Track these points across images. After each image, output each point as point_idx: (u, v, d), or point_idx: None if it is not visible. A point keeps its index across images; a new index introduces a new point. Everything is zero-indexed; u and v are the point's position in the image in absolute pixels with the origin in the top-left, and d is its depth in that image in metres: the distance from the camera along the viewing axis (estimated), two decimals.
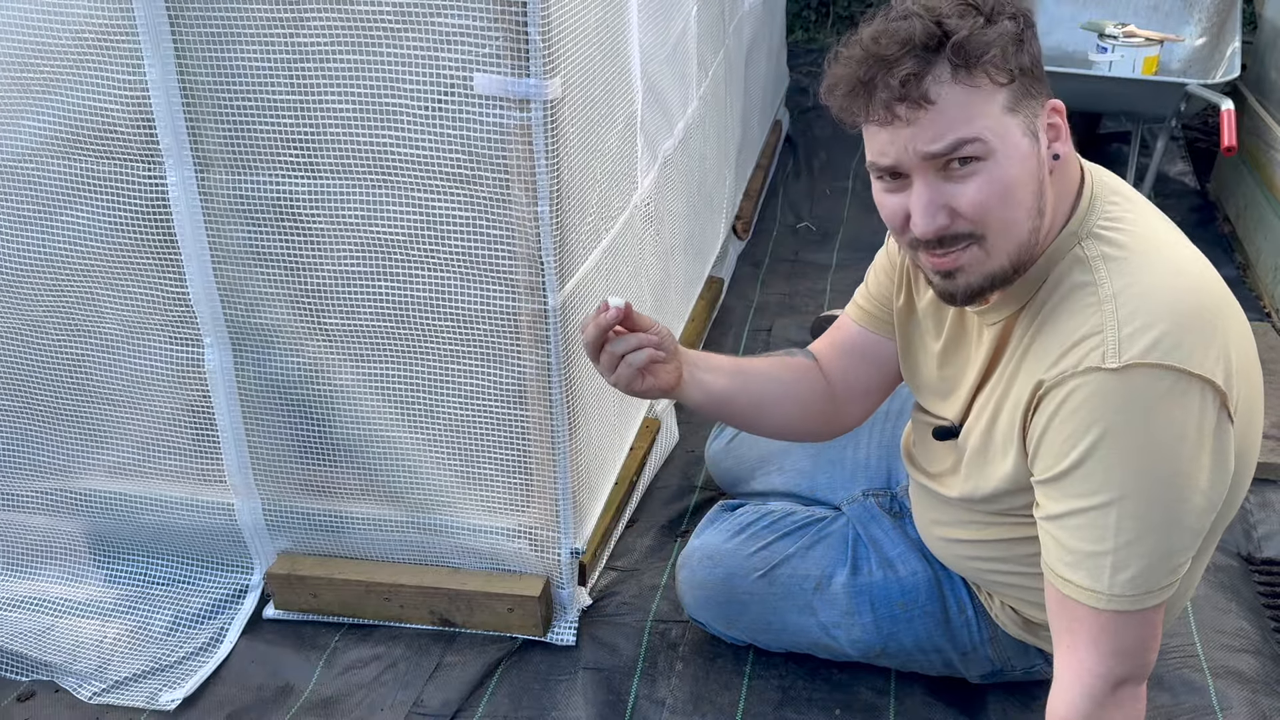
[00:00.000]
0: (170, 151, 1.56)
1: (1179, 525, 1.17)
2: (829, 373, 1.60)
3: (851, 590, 1.61)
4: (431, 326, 1.63)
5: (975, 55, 1.11)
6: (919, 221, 1.17)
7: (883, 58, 1.12)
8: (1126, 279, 1.17)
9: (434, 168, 1.50)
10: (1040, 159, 1.18)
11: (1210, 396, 1.13)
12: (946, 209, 1.16)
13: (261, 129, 1.53)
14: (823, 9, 5.27)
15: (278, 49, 1.47)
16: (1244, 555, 1.97)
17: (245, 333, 1.70)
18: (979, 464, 1.34)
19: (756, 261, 3.21)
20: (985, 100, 1.13)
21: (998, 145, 1.13)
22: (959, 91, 1.12)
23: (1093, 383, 1.14)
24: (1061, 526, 1.20)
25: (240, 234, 1.62)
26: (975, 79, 1.12)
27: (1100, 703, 1.20)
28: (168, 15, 1.47)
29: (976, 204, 1.15)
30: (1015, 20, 1.14)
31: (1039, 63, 1.16)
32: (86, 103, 1.55)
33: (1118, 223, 1.22)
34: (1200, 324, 1.15)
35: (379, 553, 1.86)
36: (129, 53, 1.50)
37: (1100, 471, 1.15)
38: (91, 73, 1.53)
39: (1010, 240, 1.18)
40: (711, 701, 1.69)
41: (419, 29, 1.41)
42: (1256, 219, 3.07)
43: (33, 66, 1.54)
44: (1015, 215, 1.17)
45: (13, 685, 1.80)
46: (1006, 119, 1.14)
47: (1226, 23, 3.34)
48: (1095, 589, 1.18)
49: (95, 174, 1.60)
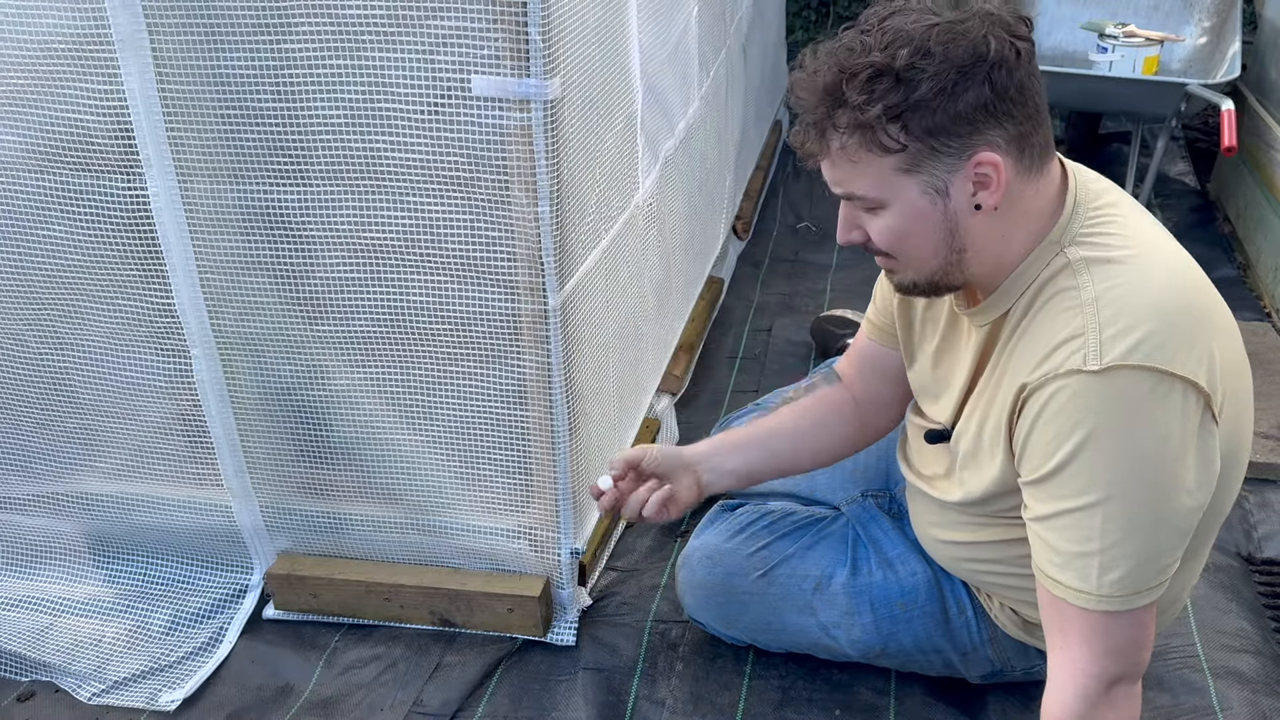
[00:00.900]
0: (151, 162, 1.54)
1: (1165, 525, 1.17)
2: (854, 391, 1.64)
3: (851, 590, 1.61)
4: (431, 328, 1.63)
5: (858, 129, 1.16)
6: (838, 233, 1.29)
7: (799, 99, 1.20)
8: (1108, 282, 1.18)
9: (432, 171, 1.50)
10: (948, 211, 1.20)
11: (1193, 398, 1.14)
12: (860, 230, 1.26)
13: (247, 137, 1.51)
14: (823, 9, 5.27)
15: (262, 56, 1.45)
16: (1244, 555, 1.97)
17: (235, 341, 1.68)
18: (972, 468, 1.35)
19: (756, 261, 3.21)
20: (875, 161, 1.18)
21: (889, 200, 1.20)
22: (852, 149, 1.18)
23: (1075, 385, 1.15)
24: (1049, 528, 1.21)
25: (227, 243, 1.60)
26: (860, 147, 1.17)
27: (1094, 703, 1.21)
28: (146, 25, 1.45)
29: (878, 238, 1.24)
30: (936, 79, 1.12)
31: (966, 116, 1.14)
32: (60, 115, 1.52)
33: (1102, 227, 1.23)
34: (1184, 325, 1.15)
35: (379, 553, 1.85)
36: (104, 63, 1.47)
37: (1085, 473, 1.16)
38: (64, 85, 1.50)
39: (921, 268, 1.26)
40: (711, 702, 1.69)
41: (414, 32, 1.40)
42: (1256, 219, 3.07)
43: (3, 79, 1.51)
44: (918, 254, 1.24)
45: (12, 685, 1.80)
46: (900, 179, 1.18)
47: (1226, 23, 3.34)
48: (1084, 589, 1.18)
49: (72, 187, 1.58)
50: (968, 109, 1.14)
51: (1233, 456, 1.25)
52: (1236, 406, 1.22)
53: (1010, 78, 1.14)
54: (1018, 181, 1.20)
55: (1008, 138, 1.17)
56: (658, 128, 2.03)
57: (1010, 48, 1.14)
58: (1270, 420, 2.25)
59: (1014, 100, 1.15)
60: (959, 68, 1.12)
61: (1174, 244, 1.26)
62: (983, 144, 1.16)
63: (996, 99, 1.14)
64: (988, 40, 1.13)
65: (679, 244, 2.35)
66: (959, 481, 1.39)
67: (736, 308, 2.93)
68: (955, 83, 1.13)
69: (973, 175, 1.17)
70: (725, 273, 3.02)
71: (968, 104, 1.13)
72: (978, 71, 1.13)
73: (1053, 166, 1.24)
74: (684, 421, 2.39)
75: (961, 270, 1.25)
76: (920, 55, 1.12)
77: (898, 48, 1.13)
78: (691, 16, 2.23)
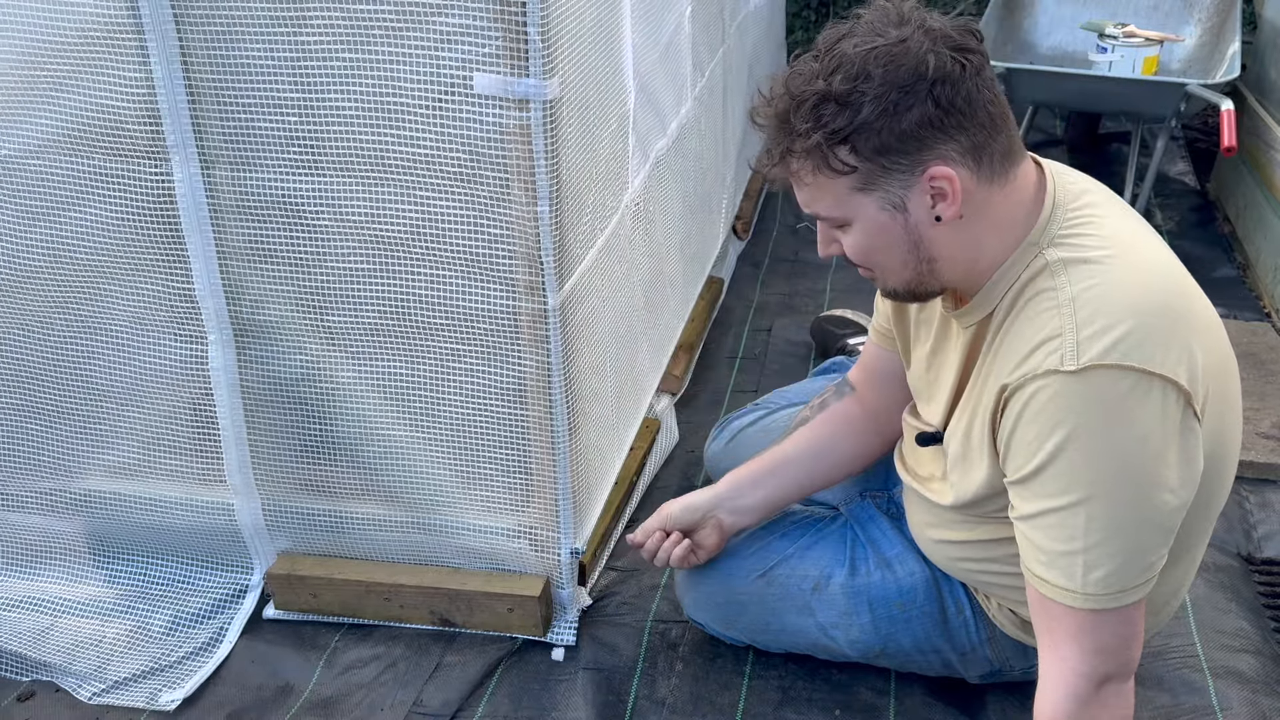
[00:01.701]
0: (176, 148, 1.56)
1: (1149, 524, 1.18)
2: (866, 399, 1.66)
3: (849, 591, 1.61)
4: (432, 325, 1.63)
5: (809, 154, 1.20)
6: (819, 248, 1.33)
7: (760, 126, 1.25)
8: (1086, 282, 1.18)
9: (435, 167, 1.51)
10: (909, 224, 1.23)
11: (1174, 396, 1.15)
12: (837, 243, 1.30)
13: (265, 126, 1.54)
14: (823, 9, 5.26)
15: (281, 46, 1.48)
16: (1244, 555, 1.97)
17: (249, 329, 1.70)
18: (961, 470, 1.36)
19: (756, 261, 3.21)
20: (831, 183, 1.21)
21: (851, 218, 1.24)
22: (808, 172, 1.22)
23: (1054, 385, 1.16)
24: (1034, 526, 1.22)
25: (245, 230, 1.63)
26: (815, 170, 1.21)
27: (1084, 701, 1.21)
28: (173, 13, 1.48)
29: (849, 252, 1.29)
30: (878, 100, 1.15)
31: (912, 134, 1.16)
32: (94, 100, 1.56)
33: (1081, 227, 1.24)
34: (1162, 324, 1.16)
35: (379, 553, 1.86)
36: (136, 50, 1.51)
37: (1067, 472, 1.17)
38: (99, 70, 1.54)
39: (895, 278, 1.29)
40: (711, 701, 1.69)
41: (420, 28, 1.42)
42: (1256, 219, 3.07)
43: (41, 65, 1.55)
44: (889, 265, 1.28)
45: (12, 685, 1.80)
46: (857, 197, 1.22)
47: (1226, 23, 3.34)
48: (1070, 588, 1.19)
49: (103, 170, 1.61)
50: (913, 126, 1.16)
51: (1220, 454, 1.25)
52: (1221, 405, 1.23)
53: (955, 91, 1.16)
54: (980, 190, 1.21)
55: (961, 149, 1.18)
56: (649, 127, 2.03)
57: (954, 62, 1.16)
58: (1270, 420, 2.25)
59: (962, 113, 1.17)
60: (900, 87, 1.15)
61: (1154, 242, 1.27)
62: (934, 159, 1.18)
63: (942, 114, 1.16)
64: (928, 58, 1.15)
65: (675, 243, 2.35)
66: (951, 485, 1.40)
67: (736, 308, 2.93)
68: (897, 102, 1.15)
69: (928, 189, 1.20)
70: (725, 273, 3.02)
71: (912, 121, 1.16)
72: (919, 89, 1.15)
73: (1022, 170, 1.25)
74: (684, 421, 2.39)
75: (936, 277, 1.28)
76: (861, 79, 1.15)
77: (840, 73, 1.16)
78: (684, 16, 2.23)
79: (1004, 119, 1.21)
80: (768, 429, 1.87)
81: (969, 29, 1.20)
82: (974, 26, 1.21)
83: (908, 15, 1.20)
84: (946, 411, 1.40)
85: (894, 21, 1.19)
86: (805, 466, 1.68)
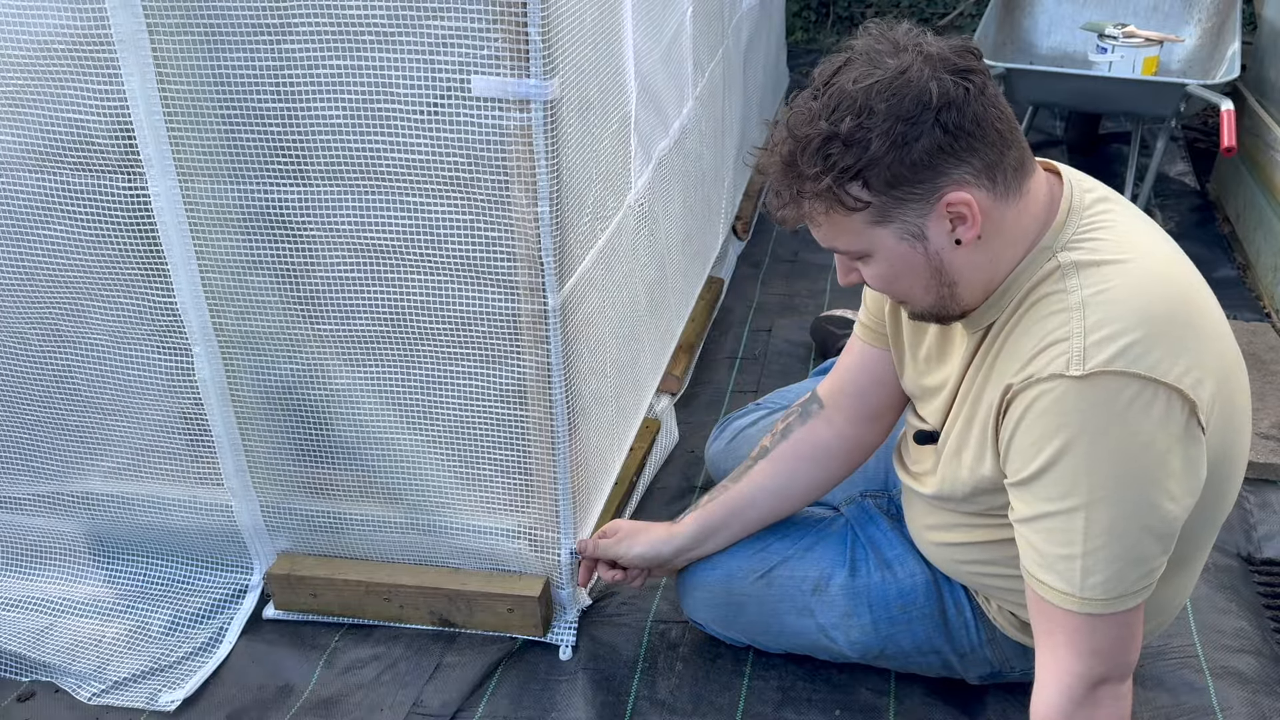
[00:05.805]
0: (152, 162, 1.54)
1: (1148, 532, 1.18)
2: (834, 419, 1.63)
3: (849, 592, 1.61)
4: (431, 329, 1.63)
5: (820, 196, 1.19)
6: (839, 276, 1.33)
7: (766, 174, 1.25)
8: (1096, 286, 1.18)
9: (431, 171, 1.49)
10: (930, 252, 1.22)
11: (1178, 405, 1.14)
12: (857, 272, 1.30)
13: (247, 137, 1.52)
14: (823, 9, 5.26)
15: (262, 56, 1.45)
16: (1244, 555, 1.98)
17: (237, 340, 1.69)
18: (953, 464, 1.37)
19: (756, 261, 3.21)
20: (846, 219, 1.20)
21: (870, 250, 1.23)
22: (821, 212, 1.21)
23: (1058, 389, 1.16)
24: (1033, 529, 1.22)
25: (229, 242, 1.60)
26: (830, 210, 1.20)
27: (1079, 703, 1.22)
28: (146, 24, 1.45)
29: (872, 283, 1.29)
30: (885, 135, 1.14)
31: (924, 163, 1.15)
32: (60, 116, 1.52)
33: (1094, 231, 1.23)
34: (1171, 331, 1.15)
35: (379, 553, 1.86)
36: (105, 63, 1.47)
37: (1068, 477, 1.17)
38: (64, 85, 1.50)
39: (919, 302, 1.29)
40: (711, 702, 1.69)
41: (414, 33, 1.40)
42: (1256, 219, 3.07)
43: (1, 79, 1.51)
44: (912, 293, 1.28)
45: (12, 685, 1.80)
46: (875, 230, 1.21)
47: (1226, 23, 3.34)
48: (1068, 591, 1.19)
49: (73, 187, 1.58)
50: (923, 155, 1.15)
51: (1225, 463, 1.25)
52: (1228, 414, 1.22)
53: (962, 115, 1.15)
54: (996, 208, 1.20)
55: (975, 171, 1.17)
56: (651, 128, 2.03)
57: (957, 86, 1.15)
58: (1270, 420, 2.26)
59: (972, 134, 1.16)
60: (905, 119, 1.14)
61: (1168, 247, 1.26)
62: (949, 184, 1.17)
63: (951, 140, 1.15)
64: (930, 86, 1.14)
65: (676, 243, 2.35)
66: (942, 478, 1.40)
67: (736, 308, 2.93)
68: (905, 134, 1.14)
69: (946, 215, 1.19)
70: (725, 273, 3.02)
71: (922, 151, 1.15)
72: (925, 118, 1.14)
73: (1034, 180, 1.24)
74: (684, 422, 2.39)
75: (957, 301, 1.28)
76: (865, 115, 1.14)
77: (842, 113, 1.15)
78: (686, 16, 2.23)
79: (1013, 133, 1.20)
80: (768, 429, 1.87)
81: (967, 48, 1.18)
82: (972, 45, 1.19)
83: (903, 42, 1.18)
84: (944, 411, 1.40)
85: (890, 50, 1.17)
86: (768, 506, 1.67)
